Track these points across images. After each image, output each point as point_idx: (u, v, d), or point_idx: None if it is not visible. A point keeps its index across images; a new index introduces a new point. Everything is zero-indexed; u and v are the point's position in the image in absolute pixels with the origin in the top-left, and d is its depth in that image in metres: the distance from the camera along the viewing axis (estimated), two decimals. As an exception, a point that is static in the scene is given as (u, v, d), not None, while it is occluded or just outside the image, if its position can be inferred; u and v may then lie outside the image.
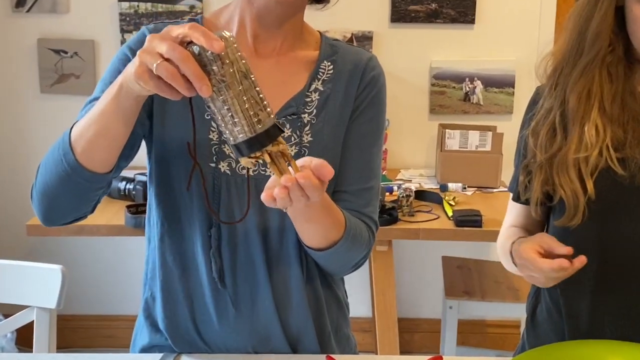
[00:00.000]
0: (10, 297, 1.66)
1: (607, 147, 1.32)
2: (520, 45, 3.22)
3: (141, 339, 1.46)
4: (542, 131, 1.38)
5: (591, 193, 1.31)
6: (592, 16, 1.32)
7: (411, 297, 3.46)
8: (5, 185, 3.41)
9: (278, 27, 1.38)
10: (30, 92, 3.33)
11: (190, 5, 3.19)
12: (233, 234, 1.35)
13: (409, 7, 3.20)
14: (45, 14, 3.26)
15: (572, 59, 1.35)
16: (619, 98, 1.35)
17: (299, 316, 1.41)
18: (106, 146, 1.19)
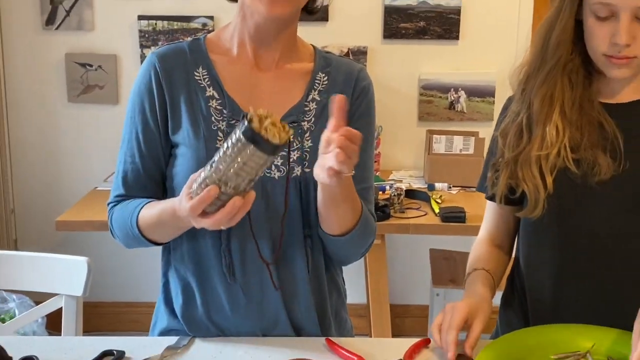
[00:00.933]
0: (41, 285, 1.66)
1: (565, 147, 1.32)
2: (499, 59, 3.21)
3: (160, 323, 1.47)
4: (511, 132, 1.37)
5: (550, 188, 1.31)
6: (554, 27, 1.32)
7: (402, 286, 3.45)
8: (37, 185, 3.41)
9: (273, 41, 1.37)
10: (59, 101, 3.33)
11: (203, 23, 3.19)
12: (241, 233, 1.34)
13: (399, 24, 3.20)
14: (73, 31, 3.26)
15: (537, 66, 1.35)
16: (577, 104, 1.34)
17: (303, 304, 1.41)
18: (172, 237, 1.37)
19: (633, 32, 1.23)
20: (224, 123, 1.34)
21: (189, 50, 1.38)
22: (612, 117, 1.34)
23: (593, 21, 1.27)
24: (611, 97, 1.37)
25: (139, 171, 1.38)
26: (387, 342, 1.37)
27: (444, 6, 3.18)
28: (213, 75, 1.37)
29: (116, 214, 1.38)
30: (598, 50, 1.28)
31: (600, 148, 1.32)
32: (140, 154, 1.37)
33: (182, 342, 1.36)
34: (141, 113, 1.36)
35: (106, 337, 1.37)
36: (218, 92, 1.36)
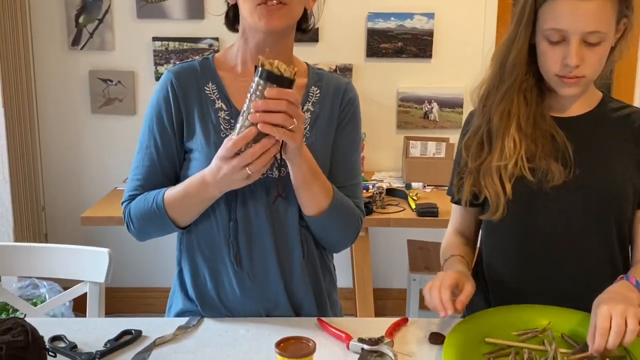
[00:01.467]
0: (68, 273, 1.65)
1: (522, 158, 1.31)
2: (466, 75, 3.21)
3: (176, 306, 1.46)
4: (473, 144, 1.37)
5: (509, 194, 1.31)
6: (510, 51, 1.31)
7: (383, 272, 3.45)
8: (64, 185, 3.40)
9: (273, 57, 1.37)
10: (83, 112, 3.31)
11: (209, 43, 3.18)
12: (248, 226, 1.35)
13: (380, 45, 3.20)
14: (95, 51, 3.25)
15: (496, 84, 1.35)
16: (532, 119, 1.34)
17: (300, 286, 1.41)
18: (192, 217, 1.35)
19: (582, 54, 1.23)
20: (231, 130, 1.34)
21: (200, 68, 1.39)
22: (562, 130, 1.34)
23: (546, 45, 1.26)
24: (561, 112, 1.38)
25: (157, 172, 1.37)
26: (370, 321, 1.37)
27: (419, 29, 3.19)
28: (221, 89, 1.37)
29: (135, 204, 1.37)
30: (551, 71, 1.28)
31: (553, 157, 1.32)
32: (158, 156, 1.36)
33: (192, 322, 1.36)
34: (160, 121, 1.36)
35: (125, 319, 1.37)
36: (226, 104, 1.36)
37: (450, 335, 1.21)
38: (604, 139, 1.35)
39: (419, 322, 1.37)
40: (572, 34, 1.22)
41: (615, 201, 1.27)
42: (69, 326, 1.33)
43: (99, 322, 1.42)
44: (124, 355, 1.22)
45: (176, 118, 1.35)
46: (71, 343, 1.24)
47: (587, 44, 1.23)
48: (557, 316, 1.29)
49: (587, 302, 1.28)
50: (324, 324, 1.33)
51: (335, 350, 1.24)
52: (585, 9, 1.20)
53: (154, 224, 1.36)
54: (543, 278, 1.36)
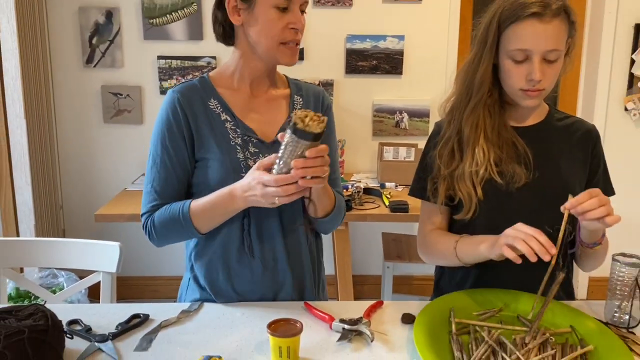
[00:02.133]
0: (84, 264, 1.64)
1: (490, 163, 1.32)
2: (432, 89, 3.24)
3: (190, 295, 1.44)
4: (445, 153, 1.37)
5: (480, 196, 1.32)
6: (476, 70, 1.31)
7: (361, 260, 3.46)
8: (79, 187, 3.36)
9: (266, 77, 1.39)
10: (96, 122, 3.29)
11: (208, 61, 3.17)
12: (259, 222, 1.35)
13: (357, 63, 3.21)
14: (107, 68, 3.22)
15: (463, 101, 1.35)
16: (496, 128, 1.35)
17: (303, 272, 1.43)
18: (214, 226, 1.34)
19: (543, 70, 1.24)
20: (239, 139, 1.34)
21: (200, 86, 1.37)
22: (522, 137, 1.35)
23: (511, 64, 1.27)
24: (520, 122, 1.39)
25: (173, 181, 1.34)
26: (350, 304, 1.37)
27: (391, 49, 3.20)
28: (224, 104, 1.36)
29: (159, 214, 1.33)
30: (515, 86, 1.28)
31: (516, 162, 1.33)
32: (173, 167, 1.34)
33: (193, 306, 1.35)
34: (172, 135, 1.33)
35: (134, 304, 1.36)
36: (230, 116, 1.35)
37: (419, 316, 1.21)
38: (554, 144, 1.37)
39: (392, 304, 1.37)
40: (535, 53, 1.23)
41: (566, 197, 1.28)
42: (84, 311, 1.32)
43: (111, 307, 1.41)
44: (134, 336, 1.21)
45: (187, 131, 1.33)
46: (86, 326, 1.23)
47: (546, 61, 1.24)
48: (512, 299, 1.31)
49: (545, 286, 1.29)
50: (309, 307, 1.33)
51: (320, 330, 1.24)
52: (546, 31, 1.22)
53: (178, 232, 1.33)
54: (507, 267, 1.36)
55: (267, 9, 1.26)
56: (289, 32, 1.28)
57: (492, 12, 1.28)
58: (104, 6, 3.16)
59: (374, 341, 1.19)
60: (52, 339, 1.06)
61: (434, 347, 1.10)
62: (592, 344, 1.14)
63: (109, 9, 3.16)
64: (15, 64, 2.87)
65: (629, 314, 1.27)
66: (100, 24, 3.17)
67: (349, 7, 3.17)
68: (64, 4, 3.16)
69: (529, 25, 1.22)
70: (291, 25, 1.28)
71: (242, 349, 1.16)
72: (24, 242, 1.70)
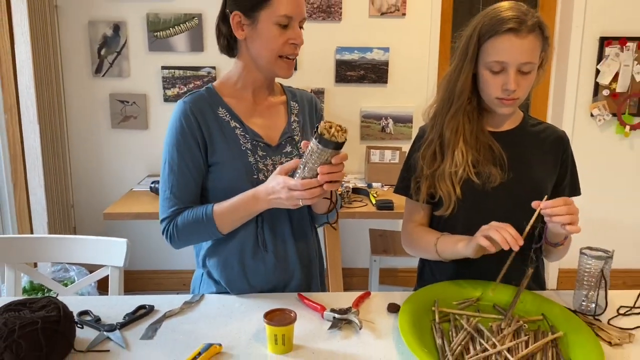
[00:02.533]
0: (94, 259, 1.63)
1: (468, 165, 1.32)
2: (415, 97, 3.25)
3: (205, 289, 1.43)
4: (427, 154, 1.38)
5: (459, 194, 1.32)
6: (457, 80, 1.32)
7: (350, 254, 3.46)
8: (89, 187, 3.34)
9: (266, 86, 1.39)
10: (105, 127, 3.26)
11: (208, 71, 3.16)
12: (271, 220, 1.36)
13: (346, 73, 3.21)
14: (115, 77, 3.20)
15: (445, 107, 1.36)
16: (474, 133, 1.35)
17: (310, 264, 1.45)
18: (235, 226, 1.33)
19: (517, 81, 1.25)
20: (248, 143, 1.34)
21: (207, 96, 1.36)
22: (498, 141, 1.36)
23: (488, 74, 1.27)
24: (495, 127, 1.39)
25: (191, 185, 1.33)
26: (340, 294, 1.37)
27: (377, 60, 3.20)
28: (231, 111, 1.35)
29: (182, 218, 1.31)
30: (492, 95, 1.29)
31: (492, 163, 1.33)
32: (190, 172, 1.32)
33: (195, 298, 1.34)
34: (187, 143, 1.31)
35: (140, 296, 1.35)
36: (238, 123, 1.35)
37: (404, 305, 1.21)
38: (528, 148, 1.38)
39: (379, 295, 1.37)
40: (511, 65, 1.24)
41: (538, 197, 1.29)
42: (93, 303, 1.31)
43: (118, 299, 1.40)
44: (140, 325, 1.21)
45: (200, 138, 1.31)
46: (96, 317, 1.22)
47: (521, 73, 1.25)
48: (488, 289, 1.31)
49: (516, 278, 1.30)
50: (302, 298, 1.32)
51: (312, 319, 1.24)
52: (521, 45, 1.22)
53: (200, 234, 1.32)
54: (483, 260, 1.37)
55: (270, 26, 1.26)
56: (288, 47, 1.29)
57: (473, 27, 1.29)
58: (112, 20, 3.14)
59: (362, 329, 1.19)
60: (64, 329, 1.06)
61: (417, 334, 1.10)
62: (562, 330, 1.15)
63: (117, 23, 3.14)
64: (29, 74, 2.85)
65: (595, 302, 1.28)
66: (108, 37, 3.16)
67: (339, 21, 3.17)
68: (75, 17, 3.14)
69: (506, 40, 1.23)
70: (291, 41, 1.28)
71: (240, 337, 1.16)
72: (38, 239, 1.68)
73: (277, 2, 1.25)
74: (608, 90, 3.24)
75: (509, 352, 1.06)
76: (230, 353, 1.10)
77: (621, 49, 3.19)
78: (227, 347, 1.11)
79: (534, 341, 1.11)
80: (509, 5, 1.26)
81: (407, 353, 1.09)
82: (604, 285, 1.27)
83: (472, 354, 1.06)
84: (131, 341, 1.14)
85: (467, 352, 1.08)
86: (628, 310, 1.30)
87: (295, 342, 1.13)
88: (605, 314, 1.28)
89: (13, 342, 0.97)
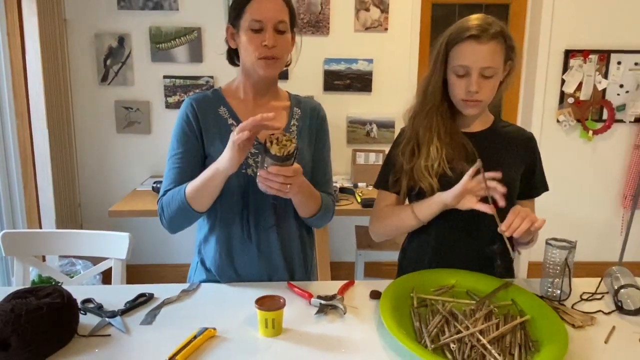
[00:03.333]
0: (98, 252, 1.61)
1: (443, 160, 1.33)
2: (397, 104, 3.26)
3: (198, 277, 1.42)
4: (406, 151, 1.38)
5: (436, 187, 1.33)
6: (430, 83, 1.34)
7: (338, 249, 3.46)
8: (95, 187, 3.31)
9: (266, 89, 1.40)
10: (110, 132, 3.24)
11: (206, 80, 3.14)
12: (257, 213, 1.35)
13: (334, 82, 3.21)
14: (120, 86, 3.18)
15: (420, 107, 1.37)
16: (449, 133, 1.36)
17: (294, 255, 1.42)
18: (209, 201, 1.27)
19: (480, 84, 1.26)
20: None
21: (212, 96, 1.38)
22: (471, 141, 1.36)
23: (454, 78, 1.29)
24: (468, 128, 1.40)
25: (186, 170, 1.31)
26: (326, 283, 1.37)
27: (362, 70, 3.20)
28: (231, 111, 1.36)
29: (166, 198, 1.30)
30: (458, 96, 1.30)
31: (465, 160, 1.33)
32: (187, 159, 1.32)
33: (192, 286, 1.33)
34: (186, 133, 1.33)
35: (140, 285, 1.34)
36: (236, 121, 1.35)
37: (385, 292, 1.21)
38: (499, 147, 1.38)
39: (362, 283, 1.37)
40: (473, 69, 1.25)
41: (509, 191, 1.30)
42: (96, 291, 1.30)
43: (120, 288, 1.38)
44: (140, 312, 1.19)
45: (197, 130, 1.33)
46: (98, 304, 1.21)
47: (483, 77, 1.26)
48: (462, 277, 1.31)
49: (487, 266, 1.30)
50: (292, 286, 1.32)
51: (301, 305, 1.23)
52: (482, 50, 1.23)
53: (179, 211, 1.27)
54: (456, 246, 1.37)
55: (246, 32, 1.29)
56: (262, 49, 1.28)
57: (444, 36, 1.31)
58: (117, 32, 3.12)
59: (347, 314, 1.19)
60: (68, 315, 1.04)
61: (397, 318, 1.10)
62: (530, 314, 1.15)
63: (121, 35, 3.12)
64: (39, 82, 2.82)
65: (560, 289, 1.28)
66: (113, 48, 3.14)
67: (327, 35, 3.17)
68: (82, 30, 3.12)
69: (469, 46, 1.24)
70: (264, 43, 1.28)
71: (233, 322, 1.15)
72: (46, 234, 1.66)
73: (249, 9, 1.27)
74: (572, 98, 3.27)
75: (481, 334, 1.06)
76: (224, 336, 1.09)
77: (584, 61, 3.22)
78: (221, 331, 1.10)
79: (504, 324, 1.11)
80: (476, 16, 1.28)
81: (387, 335, 1.09)
82: (567, 273, 1.27)
83: (447, 336, 1.06)
84: (131, 326, 1.13)
85: (442, 334, 1.07)
86: (590, 296, 1.31)
87: (285, 325, 1.12)
88: (569, 299, 1.29)
89: (20, 326, 0.96)
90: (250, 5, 1.27)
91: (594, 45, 3.22)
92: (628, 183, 3.39)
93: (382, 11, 3.16)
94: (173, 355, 1.00)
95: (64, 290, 1.08)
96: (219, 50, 1.44)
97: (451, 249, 1.38)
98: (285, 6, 1.31)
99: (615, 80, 3.24)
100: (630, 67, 3.23)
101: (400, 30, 3.19)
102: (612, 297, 1.27)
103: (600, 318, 1.19)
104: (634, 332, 1.13)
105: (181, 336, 1.07)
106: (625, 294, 1.24)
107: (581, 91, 3.25)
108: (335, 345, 1.06)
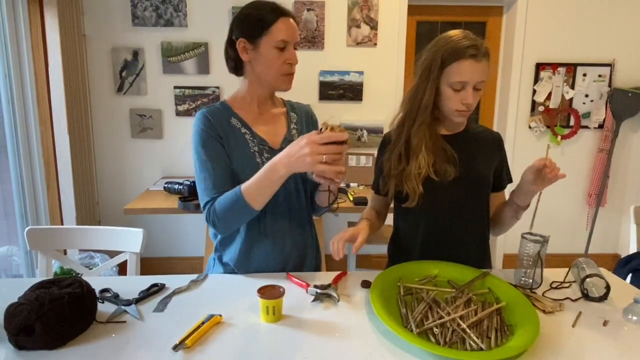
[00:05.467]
0: (115, 246, 1.60)
1: (429, 165, 1.33)
2: (385, 112, 3.26)
3: (216, 271, 1.41)
4: (394, 157, 1.38)
5: (421, 190, 1.33)
6: (423, 96, 1.31)
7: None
8: (112, 187, 3.30)
9: (269, 99, 1.39)
10: (126, 137, 3.22)
11: (213, 90, 3.13)
12: (273, 209, 1.34)
13: (328, 92, 3.21)
14: (134, 95, 3.17)
15: (410, 119, 1.35)
16: (432, 139, 1.35)
17: (306, 248, 1.42)
18: (265, 199, 1.22)
19: (473, 96, 1.27)
20: (255, 147, 1.32)
21: (222, 108, 1.35)
22: (449, 143, 1.36)
23: (450, 92, 1.27)
24: (447, 131, 1.40)
25: (222, 175, 1.28)
26: (321, 274, 1.37)
27: (353, 81, 3.20)
28: (242, 121, 1.34)
29: (218, 202, 1.24)
30: (453, 108, 1.29)
31: (447, 162, 1.34)
32: (219, 164, 1.27)
33: (200, 277, 1.33)
34: (212, 141, 1.28)
35: (153, 276, 1.33)
36: (248, 130, 1.34)
37: (374, 282, 1.21)
38: (472, 147, 1.38)
39: (354, 274, 1.37)
40: (470, 84, 1.25)
41: (484, 186, 1.29)
42: (113, 282, 1.29)
43: (135, 278, 1.37)
44: (153, 300, 1.19)
45: (219, 138, 1.30)
46: (115, 293, 1.20)
47: (475, 89, 1.26)
48: (444, 268, 1.31)
49: (468, 258, 1.30)
50: (290, 276, 1.31)
51: (298, 293, 1.23)
52: (478, 67, 1.24)
53: (238, 213, 1.22)
54: (441, 242, 1.38)
55: (270, 49, 1.26)
56: (286, 66, 1.28)
57: (434, 52, 1.27)
58: (132, 47, 3.11)
59: (340, 301, 1.19)
60: (87, 303, 1.04)
61: (385, 305, 1.10)
62: (505, 301, 1.16)
63: (136, 49, 3.11)
64: (61, 92, 2.81)
65: (532, 278, 1.29)
66: (128, 61, 3.12)
67: (322, 50, 3.17)
68: (100, 45, 3.11)
69: (468, 64, 1.23)
70: (288, 61, 1.28)
71: (237, 309, 1.14)
72: (67, 230, 1.65)
73: (276, 30, 1.25)
74: (543, 106, 3.28)
75: (461, 319, 1.06)
76: (229, 322, 1.08)
77: (553, 73, 3.24)
78: (226, 317, 1.10)
79: (482, 310, 1.11)
80: (462, 34, 1.26)
81: (377, 321, 1.09)
82: (540, 264, 1.28)
83: (431, 321, 1.06)
84: (145, 313, 1.12)
85: (426, 319, 1.08)
86: (559, 284, 1.31)
87: (284, 312, 1.12)
88: (541, 288, 1.29)
89: (43, 314, 0.95)
90: (276, 25, 1.25)
91: (562, 59, 3.24)
92: (593, 183, 3.41)
93: (372, 28, 3.16)
94: (183, 339, 0.99)
95: (83, 281, 1.07)
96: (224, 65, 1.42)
97: (442, 241, 1.38)
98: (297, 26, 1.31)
99: (581, 91, 3.26)
100: (594, 78, 3.25)
101: (388, 45, 3.19)
102: (578, 286, 1.27)
103: (568, 304, 1.20)
104: (598, 317, 1.14)
105: (190, 322, 1.07)
106: (590, 282, 1.25)
107: (551, 100, 3.27)
108: (330, 329, 1.06)
